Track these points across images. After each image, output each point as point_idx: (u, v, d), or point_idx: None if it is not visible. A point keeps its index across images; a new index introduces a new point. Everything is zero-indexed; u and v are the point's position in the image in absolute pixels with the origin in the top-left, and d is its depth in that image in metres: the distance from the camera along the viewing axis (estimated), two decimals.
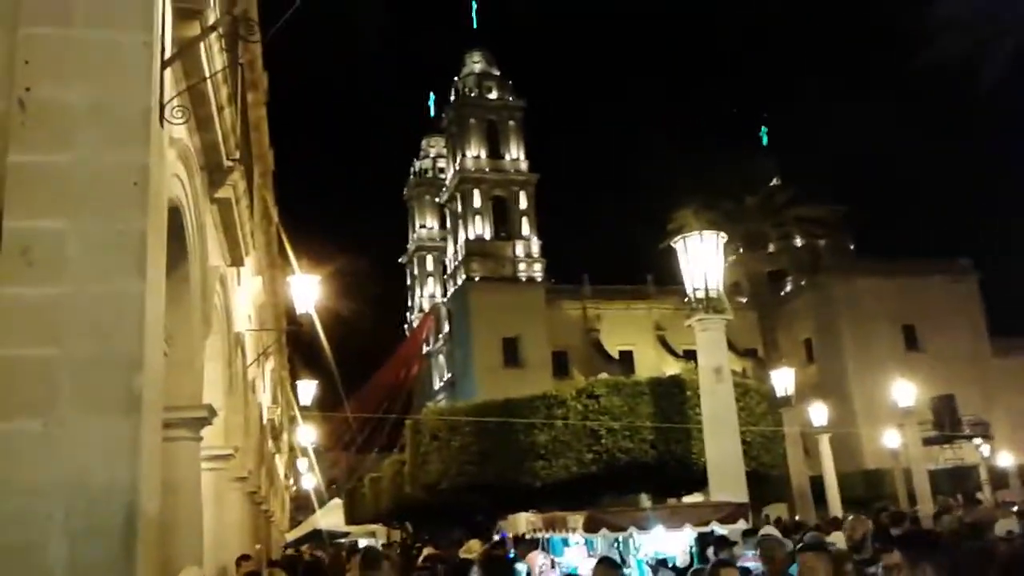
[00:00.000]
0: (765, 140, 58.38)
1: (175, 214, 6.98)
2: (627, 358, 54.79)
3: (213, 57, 7.38)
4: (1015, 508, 20.62)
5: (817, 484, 25.83)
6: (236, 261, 11.02)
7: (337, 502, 27.47)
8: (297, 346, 28.45)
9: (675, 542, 8.37)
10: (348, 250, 51.48)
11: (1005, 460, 42.03)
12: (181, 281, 7.66)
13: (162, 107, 5.74)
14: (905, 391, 25.56)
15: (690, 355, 15.38)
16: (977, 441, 40.80)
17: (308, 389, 22.56)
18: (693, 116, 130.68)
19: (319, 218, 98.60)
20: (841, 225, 36.88)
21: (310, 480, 37.85)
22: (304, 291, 13.25)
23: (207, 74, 7.15)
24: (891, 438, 32.71)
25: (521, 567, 9.02)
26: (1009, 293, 62.28)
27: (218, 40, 7.52)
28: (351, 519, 27.47)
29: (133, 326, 4.93)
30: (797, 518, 22.84)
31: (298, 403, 23.56)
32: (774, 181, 36.33)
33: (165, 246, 5.83)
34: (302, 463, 38.40)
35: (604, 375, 24.09)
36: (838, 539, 9.91)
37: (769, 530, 8.10)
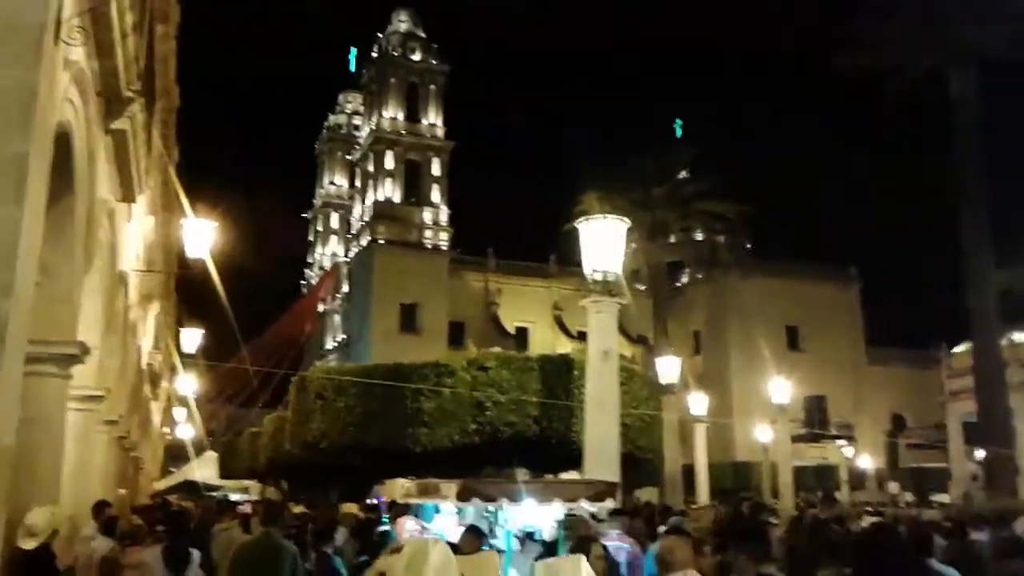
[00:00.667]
0: (679, 132, 59.48)
1: (64, 140, 6.67)
2: (523, 335, 55.42)
3: None
4: (868, 508, 22.08)
5: (689, 471, 26.79)
6: (128, 197, 10.60)
7: (212, 454, 26.89)
8: (187, 293, 27.62)
9: (545, 516, 8.58)
10: (251, 200, 50.17)
11: (865, 463, 44.58)
12: (65, 211, 7.34)
13: (59, 26, 5.48)
14: (781, 389, 26.61)
15: (584, 336, 15.63)
16: (841, 443, 43.11)
17: (194, 337, 21.91)
18: (614, 104, 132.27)
19: (225, 164, 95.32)
20: (742, 224, 37.98)
21: (187, 430, 36.90)
22: (198, 235, 12.84)
23: None
24: (763, 432, 34.15)
25: (389, 530, 9.09)
26: (888, 305, 65.55)
27: None
28: (226, 473, 27.05)
29: (4, 252, 4.73)
30: (666, 503, 23.67)
31: (180, 350, 22.87)
32: (683, 174, 36.94)
33: (48, 172, 5.58)
34: (180, 412, 37.39)
35: (497, 349, 24.35)
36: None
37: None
